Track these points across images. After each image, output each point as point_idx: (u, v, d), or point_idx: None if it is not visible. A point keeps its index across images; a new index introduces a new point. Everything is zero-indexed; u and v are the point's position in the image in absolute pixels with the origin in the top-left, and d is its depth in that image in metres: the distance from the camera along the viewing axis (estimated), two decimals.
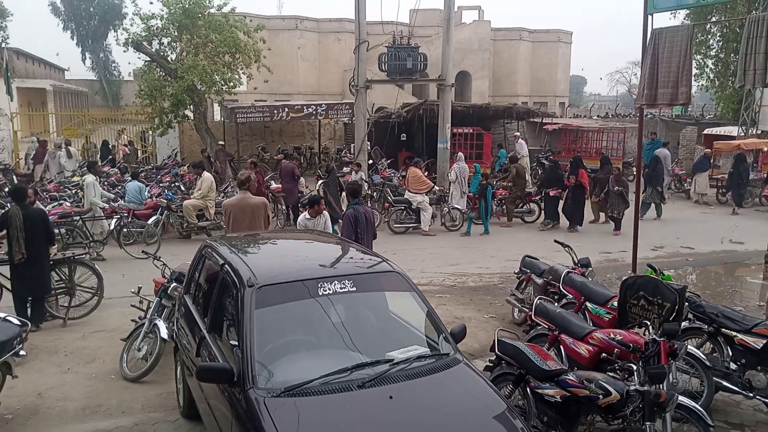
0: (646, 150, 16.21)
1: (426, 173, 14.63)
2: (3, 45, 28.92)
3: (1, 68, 24.14)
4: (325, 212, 8.21)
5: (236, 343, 3.94)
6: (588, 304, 6.48)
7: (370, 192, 14.72)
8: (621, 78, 66.48)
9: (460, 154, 15.90)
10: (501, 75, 43.10)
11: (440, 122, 16.28)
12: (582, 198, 14.03)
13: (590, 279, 7.23)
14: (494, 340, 5.13)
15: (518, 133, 21.37)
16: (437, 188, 14.74)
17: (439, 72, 16.74)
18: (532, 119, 24.51)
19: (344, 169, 17.99)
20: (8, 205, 9.59)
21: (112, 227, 11.56)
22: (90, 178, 11.74)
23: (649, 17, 8.21)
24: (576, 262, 7.69)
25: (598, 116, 39.79)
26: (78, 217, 11.32)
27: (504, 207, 14.95)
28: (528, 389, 4.76)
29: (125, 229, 11.56)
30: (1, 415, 5.43)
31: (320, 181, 14.75)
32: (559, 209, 14.36)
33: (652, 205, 15.19)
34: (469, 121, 20.41)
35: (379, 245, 7.68)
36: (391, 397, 3.57)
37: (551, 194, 14.16)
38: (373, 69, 18.13)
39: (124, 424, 5.37)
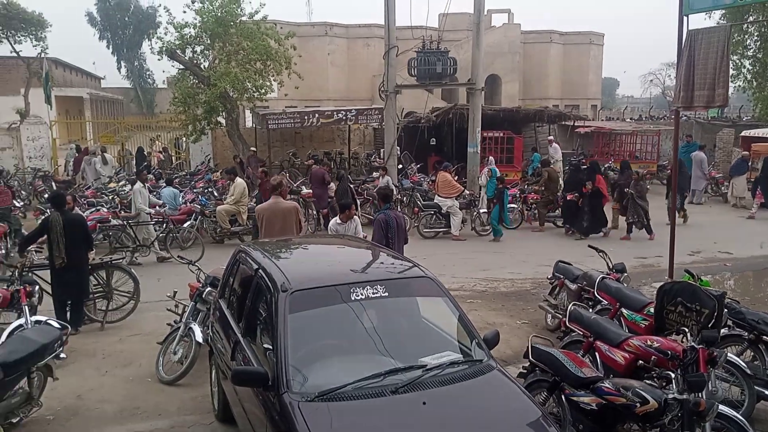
0: (681, 153, 15.87)
1: (456, 177, 14.58)
2: (42, 55, 29.68)
3: (41, 77, 24.87)
4: (356, 217, 8.24)
5: (270, 347, 3.99)
6: (623, 310, 6.36)
7: (399, 197, 14.73)
8: (654, 80, 65.33)
9: (491, 158, 15.82)
10: (531, 78, 42.73)
11: (470, 126, 16.22)
12: (599, 204, 13.59)
13: (625, 285, 7.11)
14: (528, 347, 5.08)
15: (551, 137, 21.13)
16: (467, 192, 14.67)
17: (468, 76, 16.68)
18: (563, 122, 24.23)
19: (373, 174, 18.04)
20: (48, 211, 9.88)
21: (157, 233, 11.85)
22: (138, 185, 12.11)
23: (685, 18, 8.06)
24: (611, 267, 7.58)
25: (631, 118, 39.14)
26: (126, 223, 11.57)
27: (536, 211, 14.80)
28: (563, 396, 4.70)
29: (171, 234, 11.93)
30: (42, 416, 5.57)
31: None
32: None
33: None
34: (499, 124, 20.29)
35: (409, 250, 7.68)
36: (424, 403, 3.56)
37: (568, 198, 13.83)
38: (403, 74, 18.16)
39: (160, 426, 5.46)
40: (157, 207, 12.49)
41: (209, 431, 5.41)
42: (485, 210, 14.15)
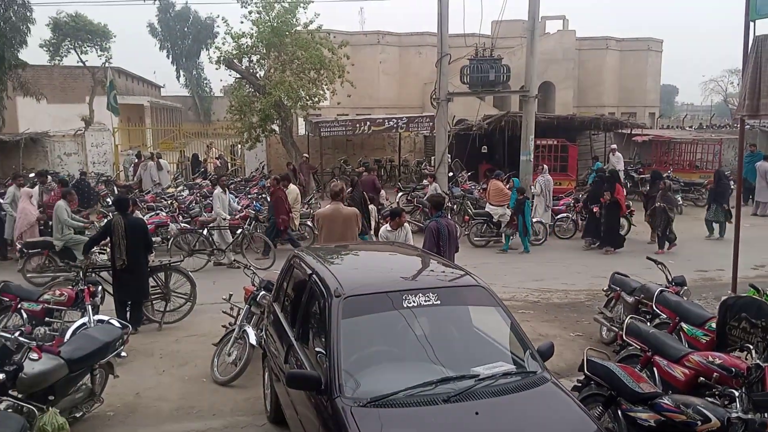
0: (745, 163, 15.26)
1: (507, 186, 14.42)
2: (107, 65, 30.99)
3: (105, 86, 25.95)
4: (407, 224, 8.27)
5: (323, 351, 4.03)
6: (683, 324, 6.17)
7: (450, 204, 14.67)
8: (716, 87, 62.98)
9: (544, 166, 15.58)
10: (586, 85, 41.89)
11: (523, 134, 16.02)
12: (616, 217, 12.99)
13: (685, 298, 6.88)
14: (583, 360, 4.98)
15: (614, 146, 20.58)
16: None
17: (521, 83, 16.50)
18: (620, 130, 23.64)
19: (423, 181, 18.03)
20: (111, 214, 10.28)
21: (233, 238, 12.08)
22: (218, 189, 12.46)
23: (751, 24, 7.77)
24: (670, 280, 7.34)
25: (690, 127, 37.87)
26: (204, 228, 11.86)
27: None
28: (619, 412, 4.58)
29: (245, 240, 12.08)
30: (103, 412, 5.78)
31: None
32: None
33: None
34: (553, 132, 19.97)
35: (459, 258, 7.63)
36: (477, 413, 3.53)
37: (594, 210, 13.30)
38: (454, 81, 18.11)
39: (214, 426, 5.59)
40: (236, 213, 12.81)
41: None
42: (538, 219, 13.94)
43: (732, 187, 13.98)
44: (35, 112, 30.24)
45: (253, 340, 6.41)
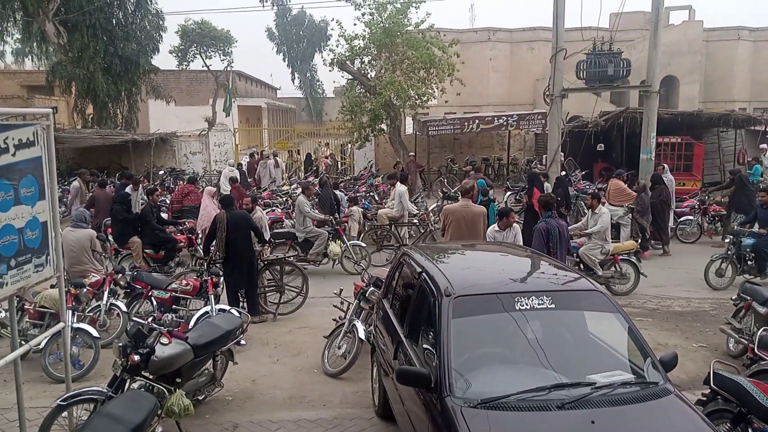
0: None
1: (627, 185, 13.66)
2: (229, 68, 32.84)
3: (227, 89, 27.54)
4: (515, 225, 8.09)
5: (432, 349, 4.03)
6: None
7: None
8: None
9: (665, 165, 14.67)
10: (713, 79, 38.93)
11: (643, 131, 15.16)
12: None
13: None
14: (709, 372, 4.65)
15: (765, 145, 18.93)
16: None
17: (642, 77, 15.62)
18: (753, 127, 21.76)
19: None
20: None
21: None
22: (402, 187, 12.80)
23: None
24: None
25: None
26: (392, 224, 12.31)
27: (716, 225, 13.46)
28: (750, 430, 4.23)
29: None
30: (223, 397, 6.13)
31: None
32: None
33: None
34: (676, 129, 18.72)
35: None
36: (593, 422, 3.39)
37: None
38: (569, 77, 17.46)
39: (324, 416, 5.76)
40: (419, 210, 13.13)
41: (370, 426, 5.59)
42: None
43: None
44: (164, 113, 32.70)
45: (362, 334, 6.54)
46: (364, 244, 11.50)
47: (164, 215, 12.46)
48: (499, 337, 4.25)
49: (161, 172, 21.01)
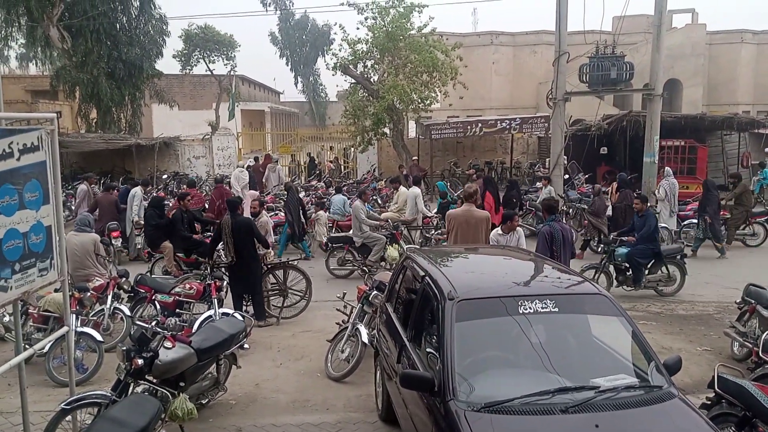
0: None
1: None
2: (232, 73, 32.96)
3: (230, 93, 27.62)
4: (519, 229, 8.08)
5: (435, 353, 4.03)
6: None
7: (565, 208, 14.16)
8: None
9: (668, 169, 14.65)
10: (717, 82, 38.89)
11: (647, 134, 15.16)
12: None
13: None
14: (714, 376, 4.64)
15: None
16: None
17: (645, 81, 15.62)
18: (756, 130, 21.72)
19: (536, 184, 17.55)
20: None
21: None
22: (416, 189, 12.78)
23: None
24: None
25: None
26: (404, 227, 12.29)
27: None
28: None
29: None
30: (226, 401, 6.13)
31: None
32: None
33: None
34: (679, 132, 18.71)
35: (575, 265, 7.35)
36: (597, 426, 3.37)
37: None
38: (572, 80, 17.47)
39: (328, 420, 5.75)
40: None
41: (373, 429, 5.59)
42: (663, 225, 13.10)
43: None
44: (168, 118, 32.83)
45: (365, 338, 6.53)
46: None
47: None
48: (502, 340, 4.24)
49: (165, 176, 21.06)
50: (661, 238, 12.74)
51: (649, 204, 12.46)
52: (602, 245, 10.29)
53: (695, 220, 13.65)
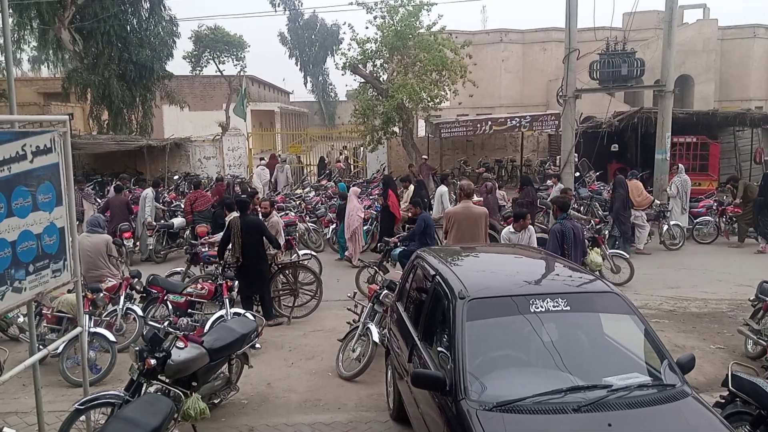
0: None
1: None
2: (242, 73, 33.04)
3: (240, 94, 27.69)
4: (530, 227, 8.07)
5: (447, 352, 4.03)
6: None
7: (576, 206, 14.09)
8: None
9: (681, 165, 14.55)
10: (729, 78, 38.52)
11: (658, 131, 15.06)
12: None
13: None
14: (728, 374, 4.60)
15: None
16: (657, 203, 13.57)
17: (656, 77, 15.55)
18: None
19: (547, 182, 17.49)
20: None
21: None
22: (443, 188, 12.91)
23: None
24: None
25: None
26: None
27: (734, 225, 13.31)
28: None
29: None
30: (238, 400, 6.15)
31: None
32: None
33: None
34: (691, 129, 18.57)
35: None
36: (610, 425, 3.35)
37: None
38: (583, 77, 17.38)
39: (340, 419, 5.76)
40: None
41: (384, 429, 5.59)
42: (675, 222, 13.03)
43: None
44: (178, 119, 32.96)
45: (376, 337, 6.54)
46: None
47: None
48: (513, 339, 4.24)
49: (176, 177, 21.17)
50: (672, 235, 12.66)
51: (659, 201, 12.37)
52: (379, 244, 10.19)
53: (708, 217, 13.56)
